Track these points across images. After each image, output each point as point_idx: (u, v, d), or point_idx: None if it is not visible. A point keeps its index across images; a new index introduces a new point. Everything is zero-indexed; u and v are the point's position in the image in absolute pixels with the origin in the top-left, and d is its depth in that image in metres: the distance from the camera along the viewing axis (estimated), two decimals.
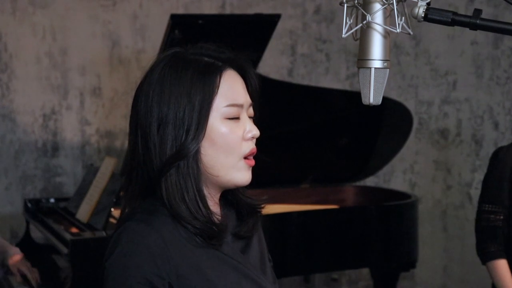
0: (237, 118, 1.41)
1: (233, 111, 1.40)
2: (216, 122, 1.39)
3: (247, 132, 1.42)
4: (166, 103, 1.37)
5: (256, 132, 1.43)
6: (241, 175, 1.41)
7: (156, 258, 1.33)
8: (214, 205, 1.43)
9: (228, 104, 1.40)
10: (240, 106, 1.41)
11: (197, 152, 1.38)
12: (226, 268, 1.39)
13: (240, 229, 1.48)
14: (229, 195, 1.49)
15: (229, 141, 1.39)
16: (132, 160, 1.42)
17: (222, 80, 1.40)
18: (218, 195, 1.45)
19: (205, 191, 1.41)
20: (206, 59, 1.42)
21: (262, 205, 1.52)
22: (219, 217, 1.43)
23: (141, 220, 1.37)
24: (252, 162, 1.43)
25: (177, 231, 1.37)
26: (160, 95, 1.38)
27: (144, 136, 1.39)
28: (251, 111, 1.45)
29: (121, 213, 1.45)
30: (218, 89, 1.39)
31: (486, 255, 2.64)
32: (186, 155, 1.37)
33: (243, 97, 1.43)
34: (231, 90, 1.41)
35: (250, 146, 1.42)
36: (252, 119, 1.45)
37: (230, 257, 1.41)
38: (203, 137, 1.38)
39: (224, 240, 1.41)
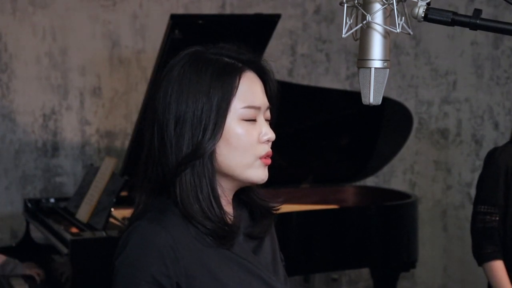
0: (253, 120, 1.41)
1: (250, 113, 1.40)
2: (233, 122, 1.39)
3: (262, 135, 1.41)
4: (185, 101, 1.37)
5: (271, 135, 1.42)
6: (257, 173, 1.41)
7: (165, 258, 1.33)
8: (227, 205, 1.43)
9: (246, 105, 1.39)
10: (258, 108, 1.41)
11: (213, 151, 1.38)
12: (236, 269, 1.39)
13: (253, 229, 1.48)
14: (243, 195, 1.49)
15: (244, 142, 1.39)
16: (147, 157, 1.42)
17: (241, 81, 1.39)
18: (231, 195, 1.45)
19: (219, 191, 1.40)
20: (226, 59, 1.41)
21: (277, 207, 1.52)
22: (232, 217, 1.43)
23: (151, 219, 1.37)
24: (268, 161, 1.43)
25: (188, 231, 1.37)
26: (178, 93, 1.38)
27: (160, 133, 1.39)
28: (268, 114, 1.45)
29: (134, 210, 1.45)
30: (236, 90, 1.39)
31: (482, 257, 2.64)
32: (202, 154, 1.36)
33: (261, 100, 1.42)
34: (250, 91, 1.40)
35: (265, 149, 1.42)
36: (268, 122, 1.45)
37: (241, 257, 1.41)
38: (220, 137, 1.38)
39: (235, 240, 1.41)
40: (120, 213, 3.19)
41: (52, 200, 3.65)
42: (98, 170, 3.32)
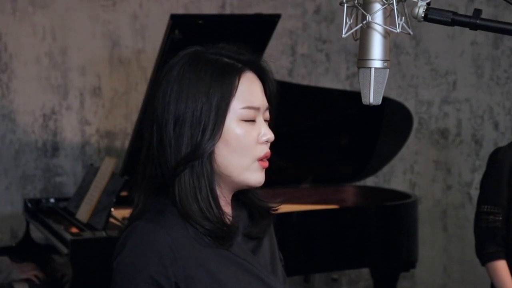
0: (253, 121, 1.41)
1: (249, 114, 1.40)
2: (232, 123, 1.39)
3: (261, 135, 1.41)
4: (184, 101, 1.37)
5: (271, 136, 1.42)
6: (254, 176, 1.41)
7: (163, 258, 1.33)
8: (226, 205, 1.43)
9: (245, 106, 1.39)
10: (257, 109, 1.41)
11: (212, 152, 1.38)
12: (235, 269, 1.39)
13: (252, 230, 1.48)
14: (242, 196, 1.49)
15: (243, 143, 1.39)
16: (146, 157, 1.42)
17: (240, 82, 1.39)
18: (230, 196, 1.45)
19: (218, 191, 1.40)
20: (225, 59, 1.41)
21: (276, 208, 1.52)
22: (230, 218, 1.43)
23: (150, 219, 1.37)
24: (266, 164, 1.43)
25: (186, 231, 1.37)
26: (178, 93, 1.38)
27: (159, 133, 1.39)
28: (267, 114, 1.45)
29: (133, 210, 1.44)
30: (236, 90, 1.39)
31: (485, 257, 2.63)
32: (201, 155, 1.36)
33: (260, 100, 1.42)
34: (249, 92, 1.41)
35: (264, 150, 1.42)
36: (267, 123, 1.45)
37: (240, 257, 1.41)
38: (219, 137, 1.37)
39: (233, 241, 1.41)
40: (120, 213, 3.19)
41: (52, 200, 3.65)
42: (98, 170, 3.32)
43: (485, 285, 2.73)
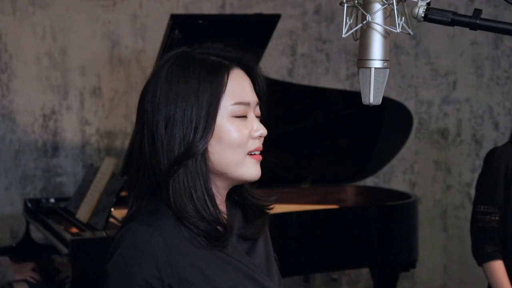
0: (244, 117, 1.41)
1: (240, 109, 1.40)
2: (224, 120, 1.38)
3: (254, 130, 1.41)
4: (174, 102, 1.37)
5: (263, 131, 1.43)
6: (250, 169, 1.41)
7: (157, 261, 1.32)
8: (221, 204, 1.43)
9: (235, 102, 1.39)
10: (247, 104, 1.41)
11: (205, 150, 1.37)
12: (229, 270, 1.38)
13: (246, 230, 1.47)
14: (236, 195, 1.48)
15: (235, 139, 1.39)
16: (138, 159, 1.42)
17: (229, 79, 1.39)
18: (225, 193, 1.45)
19: (214, 189, 1.40)
20: (213, 58, 1.41)
21: (270, 206, 1.52)
22: (226, 216, 1.43)
23: (143, 221, 1.36)
24: (259, 157, 1.42)
25: (180, 233, 1.36)
26: (167, 94, 1.38)
27: (151, 135, 1.39)
28: (258, 110, 1.45)
29: (127, 213, 1.44)
30: (225, 87, 1.38)
31: (482, 257, 2.63)
32: (195, 154, 1.36)
33: (250, 96, 1.42)
34: (239, 88, 1.40)
35: (256, 144, 1.42)
36: (259, 119, 1.45)
37: (234, 258, 1.40)
38: (212, 135, 1.37)
39: (228, 242, 1.40)
40: (120, 213, 3.19)
41: (52, 200, 3.65)
42: (98, 170, 3.32)
43: (485, 285, 2.72)
